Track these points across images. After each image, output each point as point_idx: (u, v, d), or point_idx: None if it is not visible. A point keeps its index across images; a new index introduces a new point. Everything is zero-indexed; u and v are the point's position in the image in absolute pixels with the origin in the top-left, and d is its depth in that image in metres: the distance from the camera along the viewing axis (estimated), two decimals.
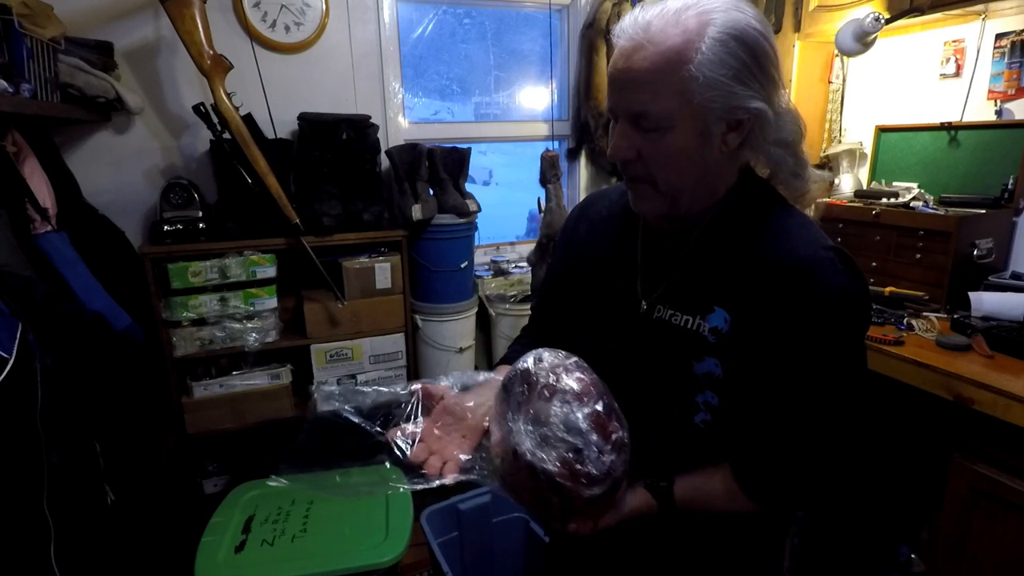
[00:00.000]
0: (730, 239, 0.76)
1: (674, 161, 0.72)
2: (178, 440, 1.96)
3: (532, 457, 0.64)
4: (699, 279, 0.78)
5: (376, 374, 2.15)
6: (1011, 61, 1.79)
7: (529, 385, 0.68)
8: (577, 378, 0.69)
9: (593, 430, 0.65)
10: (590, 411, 0.66)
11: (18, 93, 1.34)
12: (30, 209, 1.51)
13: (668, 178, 0.73)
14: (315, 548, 1.50)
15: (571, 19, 2.53)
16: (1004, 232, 1.80)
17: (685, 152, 0.71)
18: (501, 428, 0.70)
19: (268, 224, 1.92)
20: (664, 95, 0.69)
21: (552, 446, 0.64)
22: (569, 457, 0.64)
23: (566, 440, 0.65)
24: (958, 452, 1.39)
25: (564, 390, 0.67)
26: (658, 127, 0.70)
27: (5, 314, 1.08)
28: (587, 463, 0.64)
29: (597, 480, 0.65)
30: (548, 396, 0.67)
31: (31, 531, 1.06)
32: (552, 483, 0.64)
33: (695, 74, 0.67)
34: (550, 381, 0.67)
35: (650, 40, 0.68)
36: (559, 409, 0.65)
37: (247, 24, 2.02)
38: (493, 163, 3.27)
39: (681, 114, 0.69)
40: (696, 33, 0.67)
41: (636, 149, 0.73)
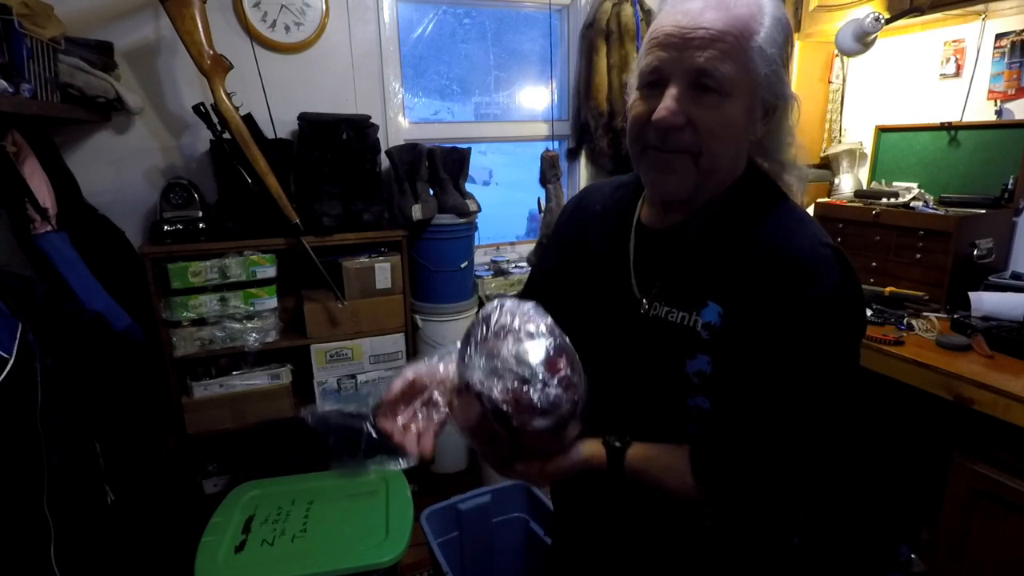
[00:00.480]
0: (730, 232, 0.75)
1: (725, 132, 0.71)
2: (178, 440, 1.96)
3: (481, 387, 0.66)
4: (694, 274, 0.76)
5: (376, 374, 2.15)
6: (1011, 61, 1.79)
7: (487, 326, 0.70)
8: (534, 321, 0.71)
9: (541, 364, 0.67)
10: (540, 348, 0.69)
11: (18, 93, 1.34)
12: (30, 209, 1.51)
13: (714, 150, 0.71)
14: (315, 548, 1.50)
15: (571, 19, 2.53)
16: (1004, 232, 1.80)
17: (735, 126, 0.71)
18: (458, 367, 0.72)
19: (268, 224, 1.92)
20: (732, 59, 0.68)
21: (500, 377, 0.66)
22: (515, 387, 0.66)
23: (513, 371, 0.66)
24: (958, 452, 1.39)
25: (518, 330, 0.69)
26: (720, 90, 0.68)
27: (5, 314, 1.08)
28: (532, 393, 0.66)
29: (541, 411, 0.66)
30: (503, 335, 0.69)
31: (31, 531, 1.06)
32: (498, 412, 0.66)
33: (760, 45, 0.68)
34: (507, 322, 0.70)
35: (719, 4, 0.68)
36: (511, 346, 0.68)
37: (247, 24, 2.02)
38: (493, 163, 3.27)
39: (741, 84, 0.69)
40: (757, 8, 0.69)
41: (686, 115, 0.69)
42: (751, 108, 0.71)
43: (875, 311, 1.74)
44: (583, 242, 0.90)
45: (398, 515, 1.61)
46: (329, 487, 1.76)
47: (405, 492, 1.71)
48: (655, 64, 0.71)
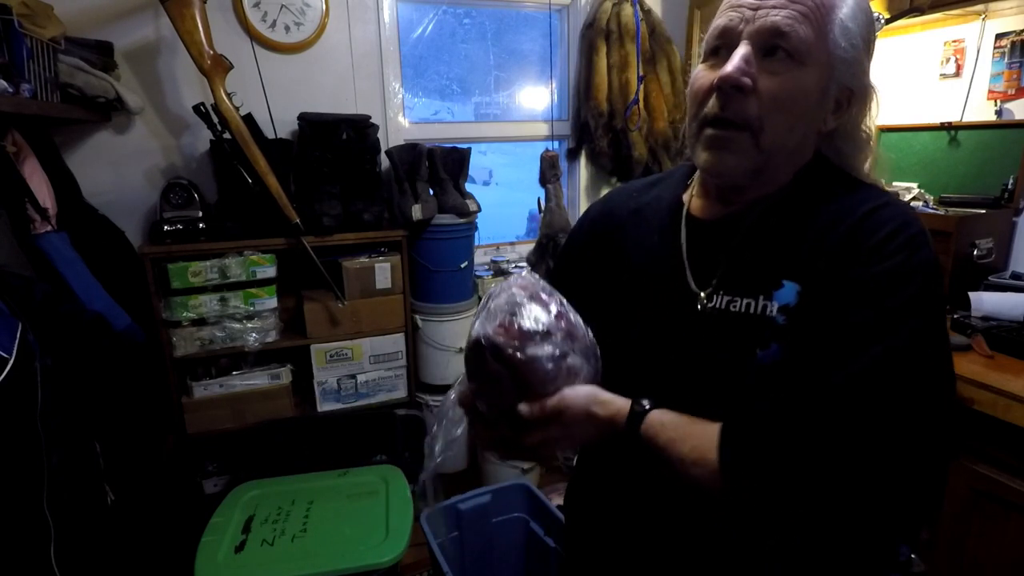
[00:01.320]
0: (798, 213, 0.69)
1: (793, 104, 0.65)
2: (178, 440, 1.96)
3: (476, 333, 0.68)
4: (762, 257, 0.69)
5: (376, 374, 2.15)
6: (1011, 61, 1.79)
7: (489, 297, 0.72)
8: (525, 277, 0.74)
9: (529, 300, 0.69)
10: (529, 291, 0.70)
11: (18, 93, 1.33)
12: (30, 209, 1.51)
13: (777, 126, 0.65)
14: (315, 548, 1.50)
15: (571, 19, 2.53)
16: (1004, 232, 1.80)
17: (805, 99, 0.65)
18: None
19: (268, 224, 1.92)
20: (810, 22, 0.63)
21: (494, 318, 0.68)
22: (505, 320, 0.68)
23: (504, 310, 0.68)
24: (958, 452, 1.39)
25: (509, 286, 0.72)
26: (793, 55, 0.63)
27: (5, 314, 1.08)
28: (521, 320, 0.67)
29: (532, 335, 0.67)
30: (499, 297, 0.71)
31: (31, 531, 1.06)
32: (493, 347, 0.66)
33: (841, 20, 0.64)
34: (504, 288, 0.72)
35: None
36: (505, 298, 0.70)
37: (247, 24, 2.02)
38: (493, 163, 3.27)
39: (817, 54, 0.64)
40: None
41: (753, 80, 0.64)
42: (825, 86, 0.66)
43: None
44: (619, 245, 0.83)
45: (398, 515, 1.61)
46: (329, 487, 1.76)
47: (405, 492, 1.71)
48: (724, 24, 0.66)
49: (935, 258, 0.63)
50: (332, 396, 2.12)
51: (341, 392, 2.12)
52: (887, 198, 0.67)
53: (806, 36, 0.63)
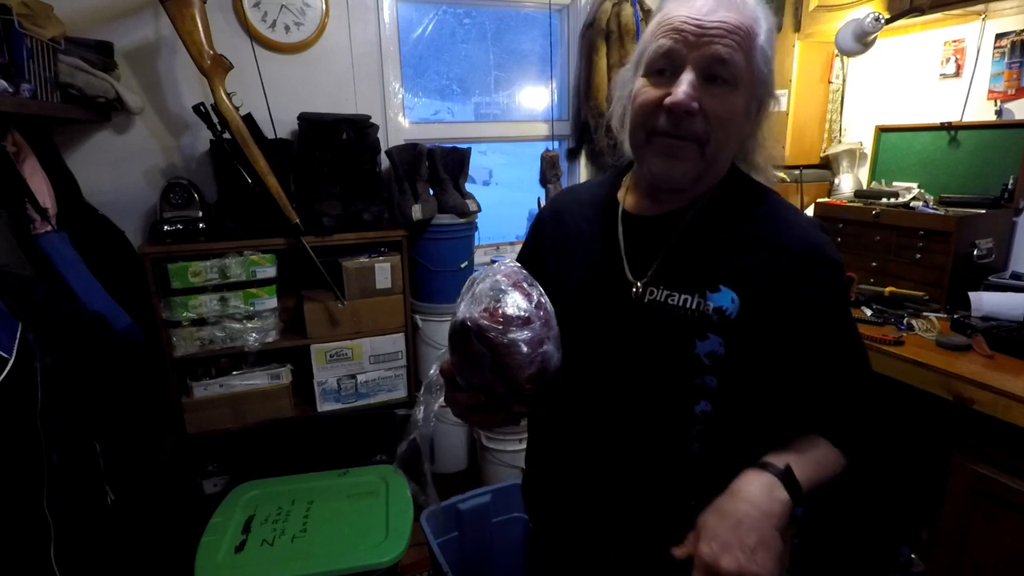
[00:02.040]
0: (726, 221, 0.79)
1: (732, 123, 0.75)
2: (178, 440, 1.96)
3: (462, 315, 0.73)
4: (698, 259, 0.79)
5: (376, 374, 2.15)
6: (1011, 61, 1.79)
7: (473, 283, 0.77)
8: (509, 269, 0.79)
9: (512, 288, 0.74)
10: (512, 280, 0.76)
11: (18, 93, 1.33)
12: (30, 209, 1.51)
13: (720, 140, 0.75)
14: (315, 548, 1.50)
15: (571, 19, 2.53)
16: (1004, 232, 1.80)
17: (739, 116, 0.76)
18: None
19: (268, 224, 1.92)
20: (743, 51, 0.73)
21: (479, 303, 0.74)
22: (490, 305, 0.73)
23: (489, 295, 0.74)
24: (958, 452, 1.39)
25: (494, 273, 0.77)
26: (730, 81, 0.73)
27: (5, 314, 1.08)
28: (504, 307, 0.72)
29: (514, 320, 0.72)
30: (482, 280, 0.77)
31: (31, 531, 1.06)
32: (477, 328, 0.71)
33: (762, 46, 0.74)
34: (489, 274, 0.77)
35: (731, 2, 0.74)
36: (488, 284, 0.75)
37: (247, 24, 2.02)
38: (493, 163, 3.27)
39: (746, 78, 0.74)
40: (759, 12, 0.75)
41: (699, 103, 0.73)
42: (748, 104, 0.76)
43: (875, 311, 1.74)
44: (564, 240, 0.92)
45: (398, 515, 1.61)
46: (329, 487, 1.76)
47: (405, 492, 1.71)
48: (669, 48, 0.73)
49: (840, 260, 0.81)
50: (332, 396, 2.12)
51: (341, 392, 2.12)
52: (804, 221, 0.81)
53: (740, 63, 0.73)
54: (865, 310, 1.75)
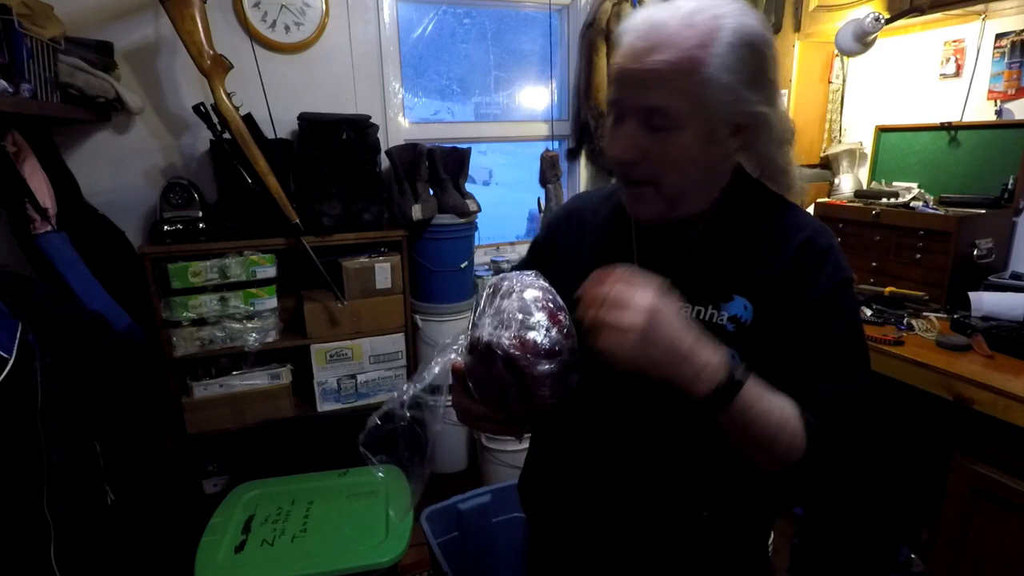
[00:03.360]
0: (736, 232, 0.78)
1: (680, 162, 0.73)
2: (178, 440, 1.96)
3: (490, 337, 0.72)
4: (710, 270, 0.78)
5: (376, 374, 2.15)
6: (1011, 61, 1.79)
7: (497, 293, 0.76)
8: (534, 284, 0.77)
9: (543, 313, 0.73)
10: (542, 303, 0.74)
11: (18, 93, 1.33)
12: (30, 209, 1.51)
13: (673, 179, 0.74)
14: (315, 548, 1.50)
15: (571, 19, 2.53)
16: (1004, 232, 1.80)
17: (691, 153, 0.72)
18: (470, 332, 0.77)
19: (268, 224, 1.92)
20: (680, 94, 0.69)
21: (507, 327, 0.72)
22: (520, 332, 0.71)
23: (518, 320, 0.72)
24: (958, 452, 1.39)
25: (520, 291, 0.75)
26: (669, 126, 0.71)
27: (5, 314, 1.08)
28: (537, 337, 0.71)
29: (545, 353, 0.71)
30: (508, 295, 0.75)
31: (31, 531, 1.06)
32: (507, 357, 0.70)
33: (709, 76, 0.68)
34: (514, 286, 0.75)
35: (666, 40, 0.69)
36: (515, 303, 0.74)
37: (247, 24, 2.02)
38: (493, 163, 3.28)
39: (693, 115, 0.70)
40: (710, 36, 0.68)
41: (641, 150, 0.73)
42: (709, 133, 0.72)
43: (875, 311, 1.74)
44: (579, 248, 0.90)
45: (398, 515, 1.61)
46: (329, 487, 1.76)
47: (405, 491, 1.70)
48: (615, 97, 0.75)
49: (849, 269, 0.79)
50: (332, 396, 2.12)
51: (341, 392, 2.12)
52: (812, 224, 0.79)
53: (680, 106, 0.70)
54: (865, 310, 1.75)
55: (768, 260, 0.76)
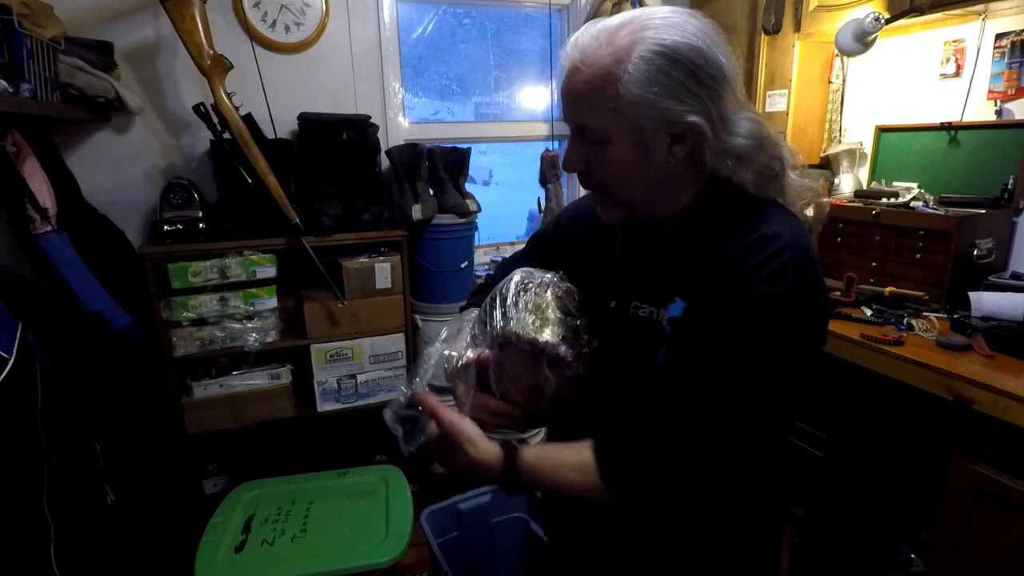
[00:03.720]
0: (697, 239, 0.78)
1: (616, 172, 0.76)
2: (178, 440, 1.96)
3: (536, 334, 0.73)
4: (665, 274, 0.80)
5: (376, 374, 2.15)
6: (1011, 61, 1.79)
7: (525, 288, 0.78)
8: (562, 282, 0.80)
9: (579, 312, 0.76)
10: (576, 303, 0.77)
11: (18, 93, 1.33)
12: (30, 209, 1.51)
13: (616, 187, 0.78)
14: (315, 548, 1.50)
15: (571, 19, 2.53)
16: (1004, 232, 1.80)
17: (625, 164, 0.75)
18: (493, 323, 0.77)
19: (268, 224, 1.92)
20: (597, 111, 0.73)
21: (553, 326, 0.74)
22: (568, 335, 0.74)
23: (564, 322, 0.74)
24: (958, 452, 1.39)
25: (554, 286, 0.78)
26: (597, 140, 0.75)
27: (5, 314, 1.08)
28: (581, 340, 0.74)
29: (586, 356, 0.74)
30: (541, 291, 0.77)
31: (31, 531, 1.06)
32: (555, 358, 0.72)
33: (623, 92, 0.70)
34: (542, 283, 0.78)
35: (583, 62, 0.73)
36: (555, 300, 0.76)
37: (247, 24, 2.02)
38: (493, 163, 3.28)
39: (616, 128, 0.73)
40: (625, 52, 0.70)
41: (585, 161, 0.78)
42: (639, 144, 0.73)
43: (875, 311, 1.74)
44: (577, 242, 0.94)
45: (398, 515, 1.61)
46: (329, 487, 1.76)
47: (405, 492, 1.71)
48: (562, 116, 0.80)
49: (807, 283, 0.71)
50: (332, 396, 2.12)
51: (341, 392, 2.12)
52: (774, 227, 0.73)
53: (599, 122, 0.73)
54: (865, 310, 1.75)
55: (714, 259, 0.74)
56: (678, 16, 0.72)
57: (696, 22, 0.72)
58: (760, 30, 2.23)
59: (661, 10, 0.73)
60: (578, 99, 0.75)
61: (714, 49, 0.72)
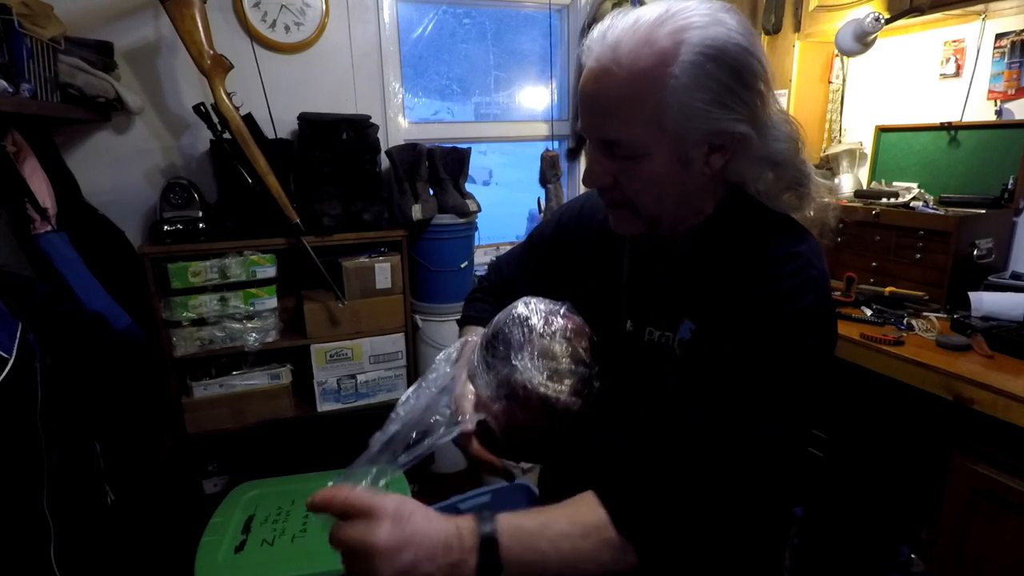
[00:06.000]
0: (710, 255, 0.72)
1: (652, 187, 0.69)
2: (178, 440, 1.96)
3: (546, 390, 0.69)
4: (675, 295, 0.74)
5: (376, 374, 2.15)
6: (1011, 61, 1.79)
7: (528, 328, 0.72)
8: (569, 317, 0.74)
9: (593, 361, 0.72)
10: (587, 345, 0.72)
11: (18, 93, 1.33)
12: (30, 209, 1.51)
13: (647, 203, 0.70)
14: (315, 548, 1.50)
15: (571, 19, 2.53)
16: (1004, 232, 1.80)
17: (663, 178, 0.67)
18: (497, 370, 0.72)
19: (268, 224, 1.92)
20: (636, 123, 0.64)
21: (564, 377, 0.69)
22: (580, 387, 0.70)
23: (576, 372, 0.70)
24: (958, 452, 1.39)
25: (563, 327, 0.72)
26: (632, 155, 0.66)
27: (5, 314, 1.08)
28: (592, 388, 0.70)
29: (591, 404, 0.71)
30: (550, 334, 0.72)
31: (31, 531, 1.06)
32: (569, 414, 0.69)
33: (669, 101, 0.62)
34: (549, 321, 0.72)
35: (619, 63, 0.62)
36: (563, 345, 0.71)
37: (247, 24, 2.02)
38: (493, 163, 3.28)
39: (656, 141, 0.65)
40: (670, 55, 0.61)
41: (611, 175, 0.69)
42: (680, 157, 0.66)
43: (875, 311, 1.74)
44: (580, 252, 0.88)
45: None
46: None
47: (405, 492, 1.70)
48: (581, 125, 0.71)
49: (824, 300, 0.67)
50: (332, 396, 2.12)
51: (341, 392, 2.12)
52: (793, 245, 0.67)
53: (637, 136, 0.65)
54: (865, 310, 1.75)
55: (725, 279, 0.69)
56: (719, 9, 0.63)
57: (736, 16, 0.64)
58: (760, 30, 2.23)
59: (698, 5, 0.63)
60: (612, 108, 0.64)
61: (756, 46, 0.64)
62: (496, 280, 1.03)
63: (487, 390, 0.72)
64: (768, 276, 0.66)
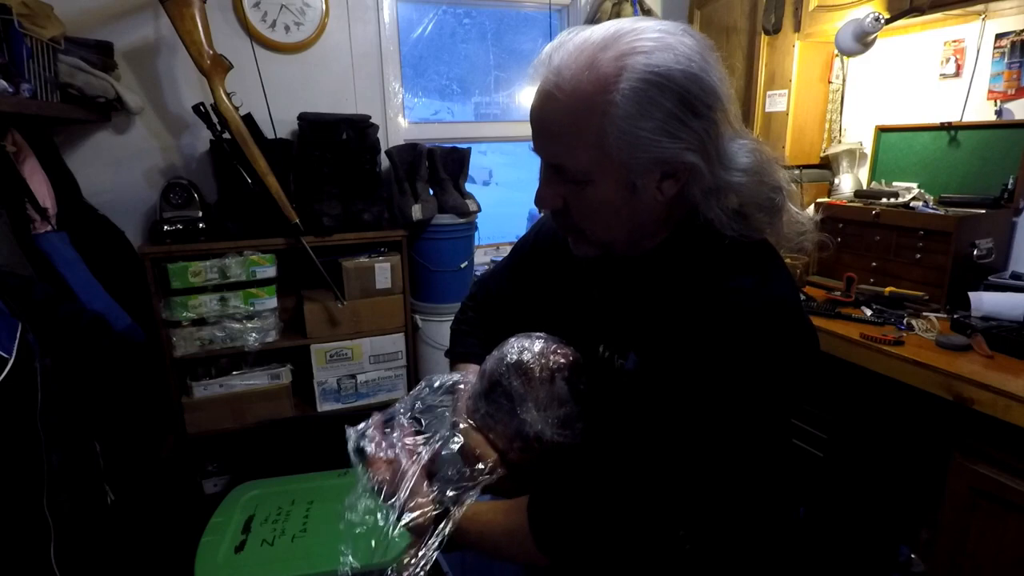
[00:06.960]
0: (657, 285, 0.71)
1: (600, 213, 0.67)
2: (178, 440, 1.96)
3: (562, 439, 0.70)
4: (627, 323, 0.74)
5: (376, 374, 2.15)
6: (1011, 61, 1.79)
7: (527, 376, 0.71)
8: (563, 353, 0.74)
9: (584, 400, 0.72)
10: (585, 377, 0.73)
11: (18, 93, 1.34)
12: (30, 209, 1.51)
13: (595, 230, 0.69)
14: (315, 548, 1.50)
15: (571, 19, 2.53)
16: (1004, 232, 1.80)
17: (611, 204, 0.65)
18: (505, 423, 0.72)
19: (268, 224, 1.92)
20: (580, 149, 0.62)
21: (574, 421, 0.70)
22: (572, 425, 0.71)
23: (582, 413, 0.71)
24: (958, 452, 1.39)
25: (560, 367, 0.72)
26: (578, 180, 0.65)
27: (5, 314, 1.08)
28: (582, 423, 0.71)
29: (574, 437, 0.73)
30: (549, 379, 0.71)
31: (31, 531, 1.06)
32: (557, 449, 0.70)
33: (610, 128, 0.60)
34: (544, 363, 0.72)
35: (561, 88, 0.61)
36: (564, 389, 0.71)
37: (247, 24, 2.02)
38: (493, 163, 3.28)
39: (601, 168, 0.63)
40: (611, 81, 0.59)
41: (562, 198, 0.68)
42: (627, 183, 0.64)
43: (875, 311, 1.74)
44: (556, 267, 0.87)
45: None
46: (329, 487, 1.76)
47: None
48: (532, 144, 0.69)
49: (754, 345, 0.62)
50: (332, 396, 2.12)
51: (341, 392, 2.12)
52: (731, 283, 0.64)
53: (581, 162, 0.63)
54: (865, 310, 1.75)
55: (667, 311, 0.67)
56: (670, 34, 0.61)
57: (690, 41, 0.61)
58: (760, 30, 2.23)
59: (651, 26, 0.61)
60: (554, 133, 0.63)
61: (710, 72, 0.61)
62: (483, 297, 1.03)
63: (499, 441, 0.73)
64: (706, 313, 0.63)
